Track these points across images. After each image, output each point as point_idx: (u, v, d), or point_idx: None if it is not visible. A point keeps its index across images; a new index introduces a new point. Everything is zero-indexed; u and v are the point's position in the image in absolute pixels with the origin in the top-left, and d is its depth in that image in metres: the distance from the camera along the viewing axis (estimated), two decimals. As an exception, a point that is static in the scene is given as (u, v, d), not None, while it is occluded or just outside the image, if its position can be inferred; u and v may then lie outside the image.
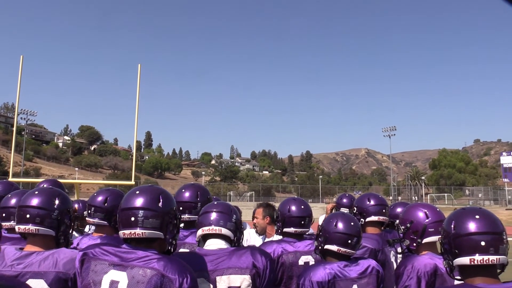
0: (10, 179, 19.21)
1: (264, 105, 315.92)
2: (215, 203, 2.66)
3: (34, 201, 2.39)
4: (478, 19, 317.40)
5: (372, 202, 3.65)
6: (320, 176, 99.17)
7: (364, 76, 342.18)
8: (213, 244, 2.48)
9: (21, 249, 2.35)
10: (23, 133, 79.53)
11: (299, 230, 3.25)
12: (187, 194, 3.11)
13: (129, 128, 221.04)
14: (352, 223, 2.78)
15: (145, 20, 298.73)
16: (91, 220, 2.99)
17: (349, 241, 2.70)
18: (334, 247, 2.69)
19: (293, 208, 3.28)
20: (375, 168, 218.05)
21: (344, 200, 4.80)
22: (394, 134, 69.65)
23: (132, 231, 2.03)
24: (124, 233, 2.06)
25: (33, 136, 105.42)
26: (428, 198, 67.05)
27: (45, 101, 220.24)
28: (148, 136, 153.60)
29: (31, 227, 2.33)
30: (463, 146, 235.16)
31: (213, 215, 2.52)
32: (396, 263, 3.41)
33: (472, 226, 1.93)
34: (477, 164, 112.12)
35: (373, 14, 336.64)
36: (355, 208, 3.75)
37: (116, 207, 2.82)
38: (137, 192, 2.13)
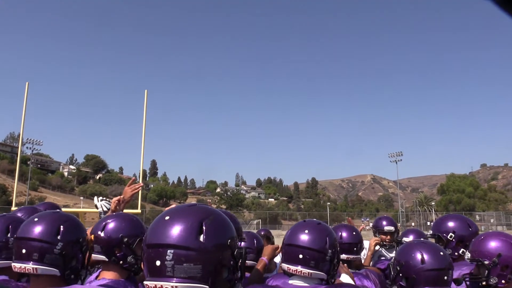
0: (13, 208, 18.78)
1: (269, 132, 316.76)
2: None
3: (33, 231, 1.87)
4: (484, 40, 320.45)
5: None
6: (328, 203, 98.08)
7: (369, 102, 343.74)
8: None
9: None
10: (28, 162, 79.38)
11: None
12: None
13: (134, 156, 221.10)
14: (441, 253, 2.19)
15: (151, 45, 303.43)
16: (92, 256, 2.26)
17: (445, 277, 2.11)
18: None
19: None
20: (382, 194, 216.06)
21: (384, 222, 4.41)
22: (401, 160, 69.07)
23: (158, 284, 1.30)
24: (147, 285, 1.34)
25: (39, 166, 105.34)
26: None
27: (51, 130, 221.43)
28: (154, 164, 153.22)
29: (28, 266, 1.84)
30: (469, 171, 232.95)
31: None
32: None
33: None
34: (486, 189, 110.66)
35: (376, 37, 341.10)
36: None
37: (131, 237, 2.24)
38: (167, 217, 1.38)
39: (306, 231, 2.06)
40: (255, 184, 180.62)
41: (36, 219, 1.93)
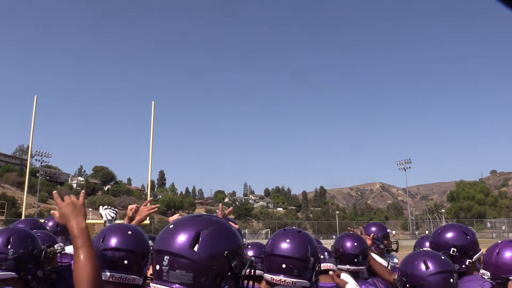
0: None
1: (276, 141, 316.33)
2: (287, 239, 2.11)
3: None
4: (491, 44, 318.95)
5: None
6: (337, 212, 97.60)
7: (376, 109, 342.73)
8: None
9: None
10: (37, 174, 79.90)
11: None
12: None
13: (142, 167, 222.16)
14: (443, 257, 2.19)
15: (158, 56, 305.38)
16: None
17: (451, 280, 2.10)
18: None
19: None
20: (391, 202, 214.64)
21: (373, 229, 4.25)
22: (410, 167, 68.69)
23: (158, 287, 1.40)
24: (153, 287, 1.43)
25: (48, 178, 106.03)
26: (449, 231, 65.20)
27: (60, 142, 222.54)
28: (162, 175, 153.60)
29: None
30: (479, 177, 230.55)
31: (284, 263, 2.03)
32: None
33: None
34: (497, 195, 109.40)
35: (382, 42, 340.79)
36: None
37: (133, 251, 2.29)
38: (171, 226, 1.48)
39: (288, 240, 2.06)
40: (263, 194, 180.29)
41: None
